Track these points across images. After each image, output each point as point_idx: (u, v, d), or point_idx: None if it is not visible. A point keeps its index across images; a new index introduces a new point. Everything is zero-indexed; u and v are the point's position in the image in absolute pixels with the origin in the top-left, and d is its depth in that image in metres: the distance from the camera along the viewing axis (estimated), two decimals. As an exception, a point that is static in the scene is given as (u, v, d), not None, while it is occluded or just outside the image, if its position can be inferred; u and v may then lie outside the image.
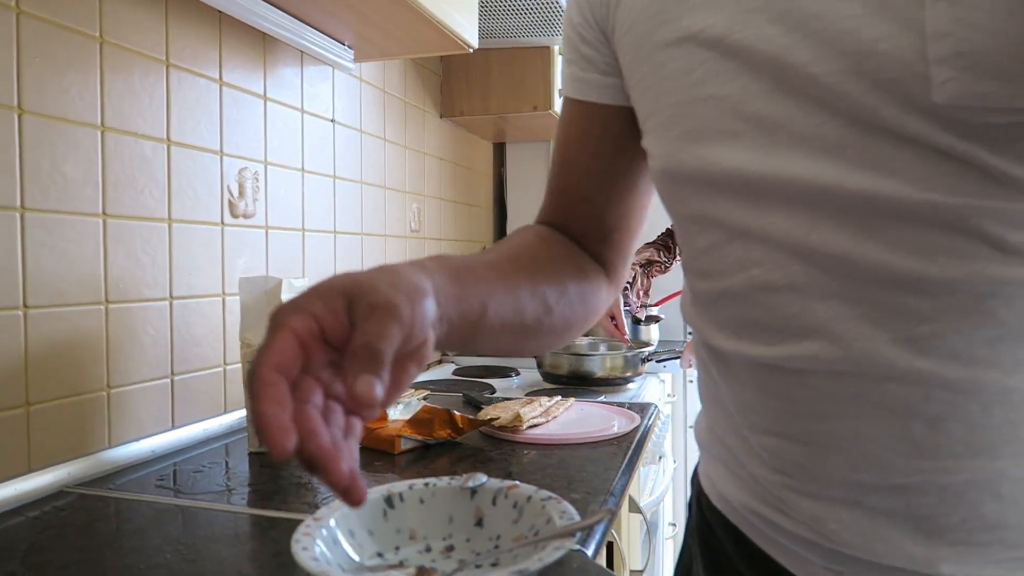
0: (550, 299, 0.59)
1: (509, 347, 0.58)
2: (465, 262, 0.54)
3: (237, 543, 0.70)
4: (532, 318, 0.57)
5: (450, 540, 0.65)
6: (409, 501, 0.66)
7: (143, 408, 1.01)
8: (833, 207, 0.42)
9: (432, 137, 1.99)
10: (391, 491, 0.66)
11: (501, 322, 0.54)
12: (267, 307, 1.00)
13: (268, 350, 0.38)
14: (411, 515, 0.66)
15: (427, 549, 0.64)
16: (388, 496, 0.66)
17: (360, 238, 1.60)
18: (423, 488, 0.67)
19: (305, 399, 0.38)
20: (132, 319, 0.99)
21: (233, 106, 1.17)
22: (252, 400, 0.36)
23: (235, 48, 1.17)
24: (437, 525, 0.66)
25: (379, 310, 0.39)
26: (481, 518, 0.66)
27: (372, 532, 0.63)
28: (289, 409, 0.36)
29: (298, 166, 1.36)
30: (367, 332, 0.38)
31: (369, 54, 1.47)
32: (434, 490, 0.67)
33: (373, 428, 1.02)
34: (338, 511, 0.62)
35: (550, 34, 1.89)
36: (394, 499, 0.66)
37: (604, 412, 1.23)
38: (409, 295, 0.42)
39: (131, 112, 0.98)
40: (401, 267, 0.46)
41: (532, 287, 0.58)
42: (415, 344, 0.43)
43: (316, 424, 0.37)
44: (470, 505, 0.67)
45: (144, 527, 0.74)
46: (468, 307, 0.50)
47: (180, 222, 1.07)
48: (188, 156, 1.08)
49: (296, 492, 0.84)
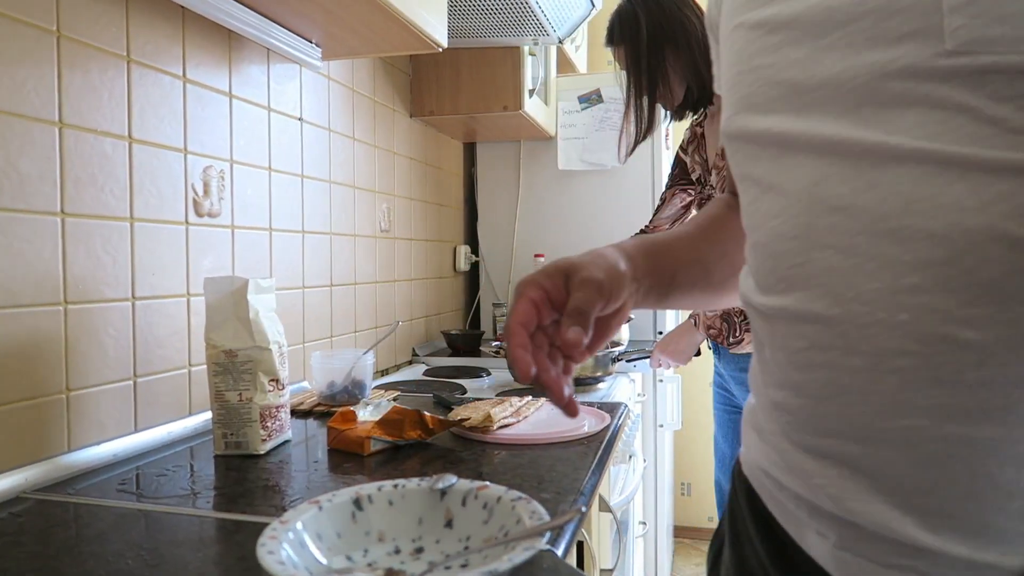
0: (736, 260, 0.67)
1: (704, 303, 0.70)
2: (659, 239, 0.68)
3: (202, 547, 0.69)
4: (718, 279, 0.70)
5: (420, 542, 0.65)
6: (378, 503, 0.66)
7: (104, 411, 0.99)
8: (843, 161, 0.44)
9: (402, 136, 1.98)
10: (359, 493, 0.65)
11: (691, 283, 0.68)
12: (233, 308, 0.99)
13: (514, 312, 0.56)
14: (380, 517, 0.65)
15: (396, 551, 0.63)
16: (356, 498, 0.65)
17: (329, 238, 1.58)
18: (392, 490, 0.67)
19: (540, 346, 0.56)
20: (92, 320, 0.97)
21: (197, 103, 1.15)
22: (507, 345, 0.55)
23: (199, 44, 1.15)
24: (406, 527, 0.65)
25: (586, 283, 0.56)
26: (451, 519, 0.66)
27: (340, 535, 0.62)
28: (529, 351, 0.55)
29: (265, 165, 1.34)
30: (577, 299, 0.55)
31: (337, 52, 1.45)
32: (403, 492, 0.67)
33: (342, 429, 1.01)
34: (305, 514, 0.61)
35: (520, 34, 1.90)
36: (362, 501, 0.65)
37: (574, 411, 1.23)
38: (608, 272, 0.58)
39: (90, 108, 0.95)
40: (607, 250, 0.62)
41: (720, 253, 0.69)
42: (614, 307, 0.59)
43: (546, 362, 0.56)
44: (440, 506, 0.67)
45: (105, 533, 0.72)
46: (660, 276, 0.64)
47: (143, 221, 1.05)
48: (151, 154, 1.06)
49: (263, 495, 0.83)
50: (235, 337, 0.98)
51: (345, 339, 1.66)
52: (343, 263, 1.65)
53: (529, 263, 2.38)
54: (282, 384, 1.02)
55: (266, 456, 0.99)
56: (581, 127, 2.35)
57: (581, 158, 2.35)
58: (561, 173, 2.38)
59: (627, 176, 2.33)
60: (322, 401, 1.31)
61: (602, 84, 2.34)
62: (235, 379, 0.98)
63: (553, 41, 1.94)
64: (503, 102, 2.01)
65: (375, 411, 1.09)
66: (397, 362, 1.95)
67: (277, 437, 1.02)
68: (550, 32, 1.86)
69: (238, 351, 0.98)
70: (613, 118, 2.32)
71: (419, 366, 1.97)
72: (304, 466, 0.95)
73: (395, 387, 1.55)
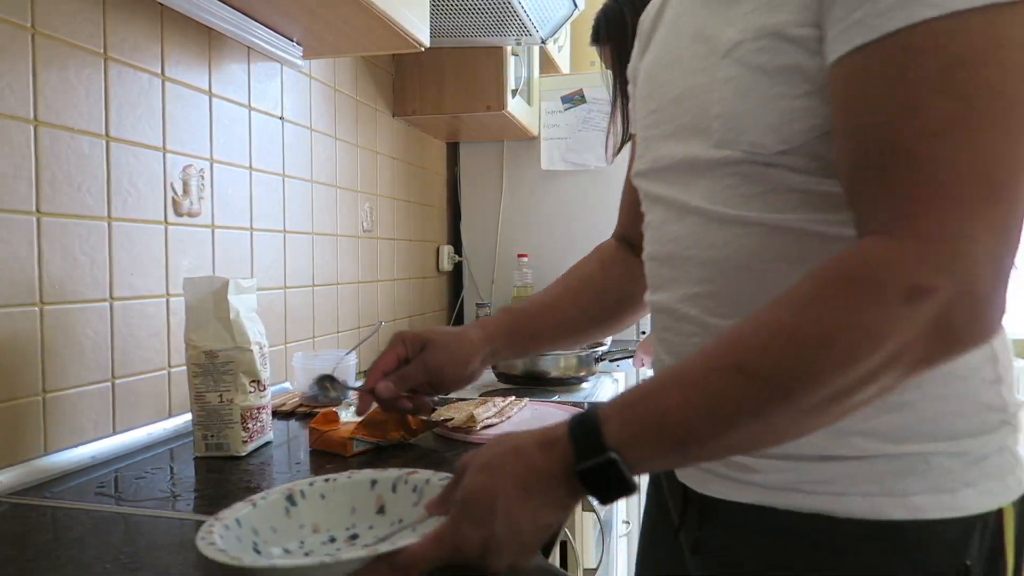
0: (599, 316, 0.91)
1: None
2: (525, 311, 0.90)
3: (183, 550, 0.68)
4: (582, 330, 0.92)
5: (354, 529, 0.66)
6: (310, 497, 0.67)
7: (82, 413, 0.97)
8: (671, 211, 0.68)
9: (384, 136, 1.97)
10: (292, 489, 0.67)
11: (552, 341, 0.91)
12: (213, 308, 0.98)
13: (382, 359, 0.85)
14: (313, 510, 0.67)
15: (331, 540, 0.65)
16: (290, 494, 0.66)
17: (311, 238, 1.57)
18: (323, 484, 0.68)
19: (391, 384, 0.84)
20: (70, 321, 0.95)
21: (176, 102, 1.14)
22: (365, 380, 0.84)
23: (178, 42, 1.14)
24: (340, 517, 0.67)
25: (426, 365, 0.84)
26: (383, 505, 0.68)
27: (275, 529, 0.64)
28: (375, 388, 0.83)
29: (246, 164, 1.33)
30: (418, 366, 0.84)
31: (319, 51, 1.44)
32: (335, 485, 0.68)
33: (325, 430, 1.00)
34: (240, 511, 0.62)
35: (502, 34, 1.89)
36: (295, 496, 0.67)
37: (558, 412, 1.23)
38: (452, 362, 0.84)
39: (67, 106, 0.94)
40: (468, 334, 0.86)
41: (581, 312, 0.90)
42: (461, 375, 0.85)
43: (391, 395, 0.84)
44: (371, 495, 0.68)
45: (83, 537, 0.71)
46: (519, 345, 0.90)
47: (121, 220, 1.03)
48: (129, 152, 1.05)
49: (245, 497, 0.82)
50: (216, 338, 0.97)
51: (328, 340, 1.65)
52: (325, 263, 1.64)
53: (512, 263, 2.38)
54: (263, 385, 1.01)
55: (247, 458, 0.98)
56: (564, 127, 2.36)
57: (564, 158, 2.36)
58: (544, 173, 2.38)
59: (610, 176, 2.33)
60: (304, 402, 1.30)
61: (585, 84, 2.34)
62: (216, 380, 0.97)
63: (536, 41, 1.94)
64: (486, 102, 2.00)
65: (358, 412, 1.08)
66: (380, 363, 1.94)
67: (258, 438, 1.01)
68: (533, 32, 1.86)
69: (219, 352, 0.97)
70: (596, 119, 2.33)
71: (402, 366, 1.96)
72: (286, 468, 0.94)
73: (378, 388, 1.54)
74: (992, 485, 0.58)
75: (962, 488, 0.57)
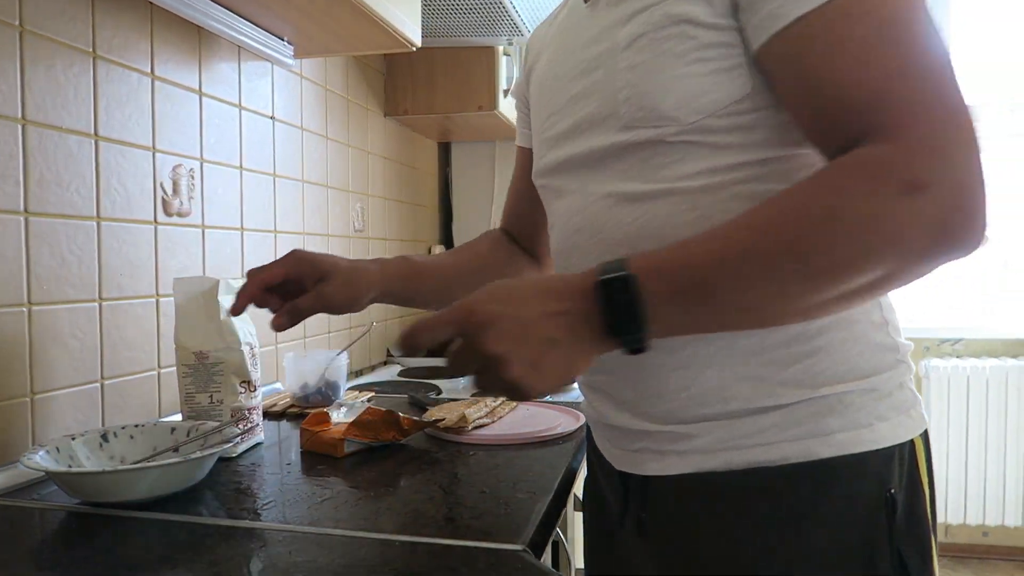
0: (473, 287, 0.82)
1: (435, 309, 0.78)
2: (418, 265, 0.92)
3: (172, 552, 0.68)
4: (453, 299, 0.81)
5: (153, 460, 0.85)
6: (121, 437, 0.89)
7: (70, 414, 0.97)
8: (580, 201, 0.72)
9: (376, 136, 1.97)
10: (107, 430, 0.89)
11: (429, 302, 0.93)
12: (203, 308, 0.97)
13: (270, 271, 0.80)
14: (122, 446, 0.89)
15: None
16: (104, 433, 0.88)
17: (302, 237, 1.56)
18: (133, 428, 0.91)
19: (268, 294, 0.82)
20: (58, 321, 0.95)
21: (166, 101, 1.13)
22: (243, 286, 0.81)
23: (168, 41, 1.14)
24: (143, 453, 0.88)
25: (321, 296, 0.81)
26: (177, 447, 0.89)
27: (89, 457, 0.85)
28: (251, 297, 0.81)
29: (236, 163, 1.32)
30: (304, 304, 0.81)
31: (309, 50, 1.44)
32: (142, 430, 0.91)
33: (317, 431, 1.00)
34: (60, 442, 0.83)
35: (495, 34, 1.89)
36: (109, 435, 0.89)
37: (549, 412, 1.23)
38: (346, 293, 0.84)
39: (55, 105, 0.93)
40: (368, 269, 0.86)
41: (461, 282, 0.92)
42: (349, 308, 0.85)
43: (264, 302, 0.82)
44: (170, 438, 0.91)
45: (71, 538, 0.71)
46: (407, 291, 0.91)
47: (110, 220, 1.03)
48: (118, 152, 1.04)
49: (235, 498, 0.82)
50: (205, 339, 0.97)
51: (319, 340, 1.65)
52: (316, 263, 1.63)
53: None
54: (254, 386, 1.01)
55: (238, 459, 0.97)
56: (556, 127, 2.35)
57: (556, 158, 2.35)
58: (536, 173, 2.38)
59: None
60: (295, 403, 1.30)
61: (576, 84, 2.34)
62: (205, 381, 0.96)
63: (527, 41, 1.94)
64: (478, 102, 2.00)
65: (349, 412, 1.08)
66: (372, 363, 1.94)
67: (249, 439, 1.01)
68: (524, 32, 1.86)
69: (208, 353, 0.96)
70: (587, 118, 2.32)
71: (394, 367, 1.96)
72: (277, 468, 0.94)
73: (370, 388, 1.54)
74: (902, 419, 0.65)
75: (876, 422, 0.63)
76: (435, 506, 0.78)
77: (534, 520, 0.73)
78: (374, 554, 0.66)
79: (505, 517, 0.74)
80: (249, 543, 0.69)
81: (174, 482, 0.81)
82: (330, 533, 0.71)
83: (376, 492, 0.83)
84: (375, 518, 0.75)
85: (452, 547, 0.67)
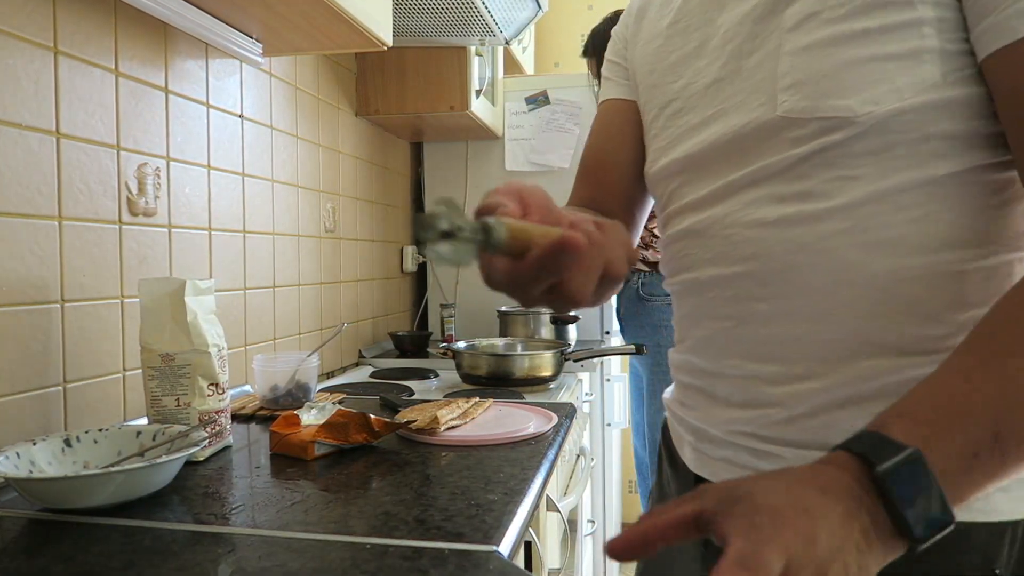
0: None
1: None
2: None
3: (137, 559, 0.66)
4: None
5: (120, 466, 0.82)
6: (85, 442, 0.87)
7: (30, 419, 0.94)
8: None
9: (347, 135, 1.95)
10: (71, 434, 0.87)
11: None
12: (170, 310, 0.95)
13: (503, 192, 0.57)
14: (87, 450, 0.87)
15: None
16: (67, 438, 0.87)
17: (272, 238, 1.54)
18: (97, 432, 0.89)
19: None
20: (17, 324, 0.92)
21: (131, 98, 1.11)
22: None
23: (133, 37, 1.11)
24: (108, 456, 0.87)
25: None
26: (144, 451, 0.88)
27: (51, 462, 0.84)
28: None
29: (204, 162, 1.30)
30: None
31: (279, 48, 1.42)
32: (107, 433, 0.89)
33: (285, 434, 0.99)
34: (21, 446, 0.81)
35: (466, 35, 1.89)
36: (72, 440, 0.87)
37: (522, 412, 1.23)
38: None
39: (14, 101, 0.91)
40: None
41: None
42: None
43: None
44: (136, 442, 0.89)
45: (31, 546, 0.69)
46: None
47: (72, 220, 1.00)
48: (80, 150, 1.02)
49: (203, 502, 0.80)
50: (172, 340, 0.95)
51: (289, 341, 1.63)
52: (286, 264, 1.61)
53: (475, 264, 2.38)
54: (222, 388, 0.99)
55: (206, 462, 0.96)
56: (528, 128, 2.36)
57: (528, 159, 2.36)
58: (509, 173, 2.38)
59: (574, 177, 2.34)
60: (265, 405, 1.28)
61: (549, 86, 2.35)
62: (172, 384, 0.95)
63: (500, 42, 1.94)
64: (450, 102, 2.00)
65: (320, 414, 1.07)
66: (343, 364, 1.92)
67: (217, 443, 0.99)
68: (497, 33, 1.86)
69: (175, 355, 0.94)
70: (560, 119, 2.33)
71: (366, 368, 1.94)
72: (246, 472, 0.93)
73: (341, 390, 1.53)
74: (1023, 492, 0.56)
75: (995, 492, 0.53)
76: (406, 508, 0.78)
77: (507, 521, 0.73)
78: (344, 557, 0.65)
79: (477, 518, 0.74)
80: (217, 548, 0.68)
81: (139, 487, 0.79)
82: (300, 537, 0.70)
83: (347, 495, 0.83)
84: (345, 521, 0.74)
85: (424, 549, 0.66)
